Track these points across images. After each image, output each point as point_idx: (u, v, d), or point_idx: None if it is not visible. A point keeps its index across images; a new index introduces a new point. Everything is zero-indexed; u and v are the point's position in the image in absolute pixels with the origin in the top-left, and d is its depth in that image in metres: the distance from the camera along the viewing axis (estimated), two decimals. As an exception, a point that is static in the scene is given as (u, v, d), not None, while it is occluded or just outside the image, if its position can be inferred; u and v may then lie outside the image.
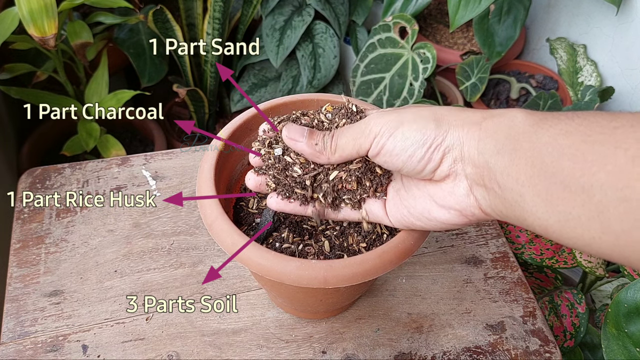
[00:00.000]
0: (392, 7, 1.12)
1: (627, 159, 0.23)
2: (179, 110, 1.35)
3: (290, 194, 0.37)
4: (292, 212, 0.38)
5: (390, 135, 0.32)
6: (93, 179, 0.61)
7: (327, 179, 0.37)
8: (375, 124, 0.33)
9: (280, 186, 0.38)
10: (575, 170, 0.24)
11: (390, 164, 0.33)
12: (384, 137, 0.32)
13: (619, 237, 0.23)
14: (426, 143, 0.31)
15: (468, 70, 1.12)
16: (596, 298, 0.86)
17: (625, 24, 1.00)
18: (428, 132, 0.31)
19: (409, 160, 0.32)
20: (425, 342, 0.50)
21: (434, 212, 0.33)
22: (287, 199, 0.37)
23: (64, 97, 0.97)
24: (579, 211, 0.24)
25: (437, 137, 0.31)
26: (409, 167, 0.32)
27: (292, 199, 0.37)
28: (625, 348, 0.48)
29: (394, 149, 0.32)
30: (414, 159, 0.32)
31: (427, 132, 0.31)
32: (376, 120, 0.33)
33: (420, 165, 0.32)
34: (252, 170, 0.39)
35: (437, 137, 0.31)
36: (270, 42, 1.16)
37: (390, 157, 0.33)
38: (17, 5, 0.74)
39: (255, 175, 0.38)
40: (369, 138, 0.33)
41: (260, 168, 0.39)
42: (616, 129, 0.24)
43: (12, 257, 0.54)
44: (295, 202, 0.38)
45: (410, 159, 0.32)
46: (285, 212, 0.38)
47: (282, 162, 0.37)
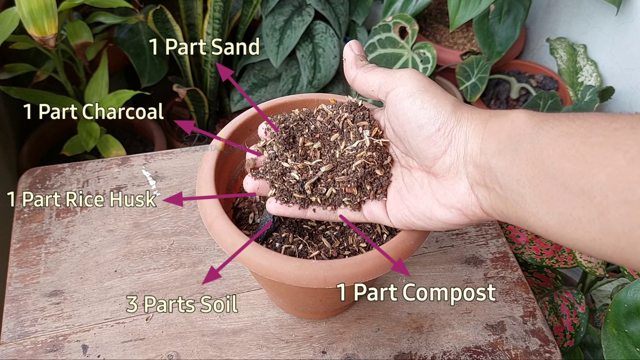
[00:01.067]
0: (392, 7, 1.12)
1: (627, 160, 0.23)
2: (179, 110, 1.35)
3: (288, 199, 0.38)
4: (292, 215, 0.38)
5: (411, 95, 0.33)
6: (93, 179, 0.61)
7: (326, 183, 0.37)
8: (404, 73, 0.34)
9: (279, 191, 0.38)
10: (576, 171, 0.24)
11: (397, 124, 0.34)
12: (406, 92, 0.33)
13: (620, 239, 0.23)
14: (436, 122, 0.32)
15: (468, 70, 1.12)
16: (596, 298, 0.86)
17: (625, 24, 1.00)
18: (443, 112, 0.32)
19: (418, 131, 0.32)
20: (425, 342, 0.50)
21: (435, 211, 0.33)
22: (285, 204, 0.38)
23: (64, 97, 0.97)
24: (579, 213, 0.24)
25: (449, 122, 0.31)
26: (413, 139, 0.33)
27: (291, 203, 0.38)
28: (625, 348, 0.48)
29: (409, 111, 0.33)
30: (422, 134, 0.32)
31: (443, 112, 0.32)
32: (406, 73, 0.34)
33: (424, 144, 0.32)
34: (248, 174, 0.39)
35: (449, 122, 0.31)
36: (270, 42, 1.16)
37: (403, 115, 0.33)
38: (17, 5, 0.74)
39: (252, 179, 0.39)
40: (394, 83, 0.34)
41: (257, 172, 0.39)
42: (616, 130, 0.24)
43: (12, 257, 0.54)
44: (294, 206, 0.38)
45: (419, 130, 0.32)
46: (285, 216, 0.38)
47: (279, 168, 0.37)
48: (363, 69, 0.37)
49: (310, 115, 0.39)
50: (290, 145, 0.38)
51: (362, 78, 0.36)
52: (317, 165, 0.37)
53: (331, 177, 0.37)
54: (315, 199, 0.37)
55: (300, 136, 0.38)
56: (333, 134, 0.38)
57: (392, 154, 0.38)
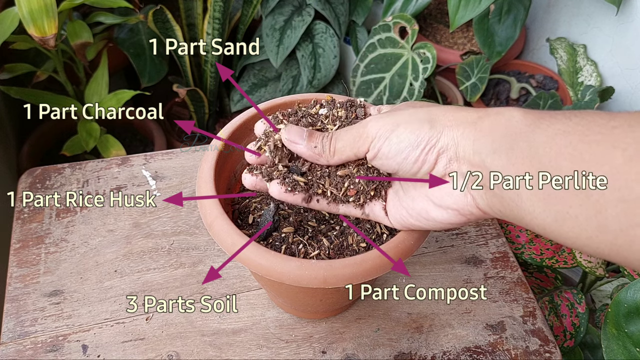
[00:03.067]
0: (392, 7, 1.12)
1: (625, 159, 0.23)
2: (179, 110, 1.35)
3: (294, 188, 0.37)
4: (295, 203, 0.37)
5: (386, 139, 0.32)
6: (93, 179, 0.61)
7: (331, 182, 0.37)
8: (372, 127, 0.33)
9: (282, 175, 0.37)
10: (573, 170, 0.24)
11: (386, 166, 0.34)
12: (380, 140, 0.33)
13: (617, 237, 0.23)
14: (420, 145, 0.31)
15: (468, 70, 1.12)
16: (596, 298, 0.86)
17: (625, 24, 1.00)
18: (422, 133, 0.31)
19: (404, 162, 0.32)
20: (425, 342, 0.50)
21: (431, 212, 0.33)
22: (290, 192, 0.37)
23: (64, 97, 0.97)
24: (576, 211, 0.24)
25: (431, 139, 0.31)
26: (404, 169, 0.33)
27: (297, 192, 0.37)
28: (625, 348, 0.48)
29: (389, 152, 0.32)
30: (409, 161, 0.32)
31: (421, 133, 0.31)
32: (373, 124, 0.33)
33: (415, 167, 0.32)
34: (246, 170, 0.39)
35: (431, 139, 0.31)
36: (270, 42, 1.16)
37: (387, 160, 0.33)
38: (17, 5, 0.74)
39: (250, 175, 0.38)
40: (367, 142, 0.33)
41: (254, 167, 0.38)
42: (614, 128, 0.24)
43: (12, 257, 0.54)
44: (298, 195, 0.37)
45: (405, 160, 0.32)
46: (288, 202, 0.37)
47: (286, 152, 0.37)
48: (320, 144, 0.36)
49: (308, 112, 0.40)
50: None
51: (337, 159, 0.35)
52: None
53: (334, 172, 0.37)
54: (320, 190, 0.37)
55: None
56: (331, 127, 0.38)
57: None
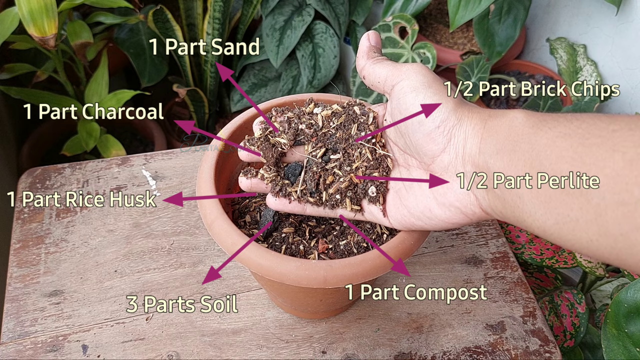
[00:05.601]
0: (392, 7, 1.12)
1: (625, 162, 0.23)
2: (179, 110, 1.35)
3: (288, 194, 0.38)
4: (292, 211, 0.38)
5: (414, 90, 0.33)
6: (93, 179, 0.61)
7: (328, 184, 0.37)
8: (411, 68, 0.34)
9: (279, 187, 0.38)
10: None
11: (399, 117, 0.34)
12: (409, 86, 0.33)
13: (617, 241, 0.23)
14: (437, 119, 0.32)
15: (468, 70, 1.12)
16: (596, 298, 0.85)
17: (625, 24, 1.00)
18: (444, 110, 0.32)
19: (418, 126, 0.32)
20: (425, 342, 0.50)
21: (434, 210, 0.33)
22: (286, 198, 0.38)
23: (64, 97, 0.97)
24: (577, 214, 0.24)
25: (449, 120, 0.31)
26: (414, 132, 0.33)
27: (292, 199, 0.38)
28: (625, 348, 0.48)
29: (410, 106, 0.33)
30: (423, 129, 0.32)
31: (443, 109, 0.32)
32: (412, 67, 0.34)
33: (423, 140, 0.33)
34: (242, 173, 0.39)
35: (449, 120, 0.31)
36: (270, 42, 1.16)
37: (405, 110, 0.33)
38: (17, 5, 0.74)
39: (245, 178, 0.39)
40: (399, 77, 0.34)
41: (248, 170, 0.39)
42: (614, 132, 0.24)
43: (12, 257, 0.54)
44: (294, 202, 0.38)
45: (419, 126, 0.32)
46: (285, 211, 0.38)
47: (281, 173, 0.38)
48: (372, 60, 0.37)
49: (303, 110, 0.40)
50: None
51: (369, 69, 0.36)
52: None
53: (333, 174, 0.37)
54: (316, 197, 0.37)
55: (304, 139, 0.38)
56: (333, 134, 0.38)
57: (390, 155, 0.38)
